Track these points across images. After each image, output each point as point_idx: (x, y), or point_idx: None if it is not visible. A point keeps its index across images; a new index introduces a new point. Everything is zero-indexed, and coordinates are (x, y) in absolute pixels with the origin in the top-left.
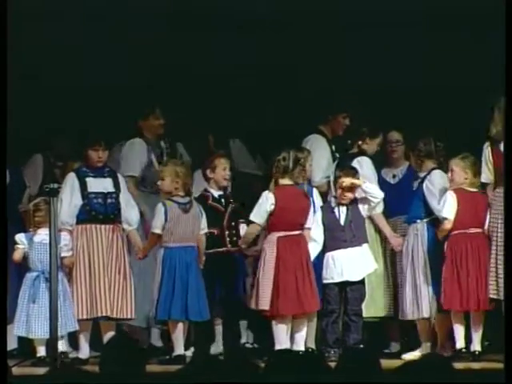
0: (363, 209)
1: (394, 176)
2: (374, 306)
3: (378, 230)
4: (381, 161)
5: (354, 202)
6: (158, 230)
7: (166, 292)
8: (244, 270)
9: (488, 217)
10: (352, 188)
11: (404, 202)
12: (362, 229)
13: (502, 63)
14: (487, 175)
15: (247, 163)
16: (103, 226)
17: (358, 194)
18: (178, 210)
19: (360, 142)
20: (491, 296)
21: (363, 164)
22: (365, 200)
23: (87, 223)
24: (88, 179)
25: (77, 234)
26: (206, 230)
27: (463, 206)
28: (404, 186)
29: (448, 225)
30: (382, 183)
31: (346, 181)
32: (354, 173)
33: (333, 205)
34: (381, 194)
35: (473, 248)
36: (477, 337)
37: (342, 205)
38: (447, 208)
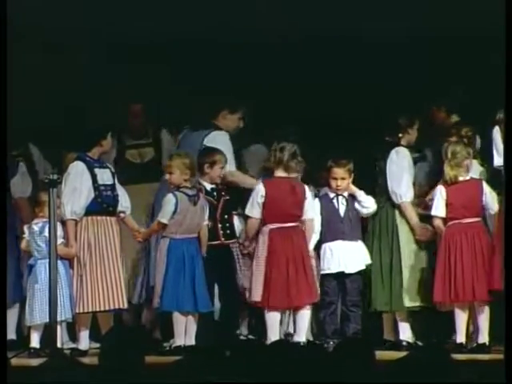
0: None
1: None
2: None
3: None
4: None
5: (353, 196)
6: (165, 220)
7: (174, 283)
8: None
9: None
10: (345, 178)
11: None
12: (358, 224)
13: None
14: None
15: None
16: (113, 219)
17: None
18: (187, 202)
19: (400, 135)
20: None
21: (401, 154)
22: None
23: (98, 215)
24: (96, 170)
25: (86, 225)
26: (207, 222)
27: (454, 197)
28: None
29: (437, 222)
30: None
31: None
32: (345, 163)
33: (331, 196)
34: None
35: (468, 238)
36: (484, 328)
37: (341, 196)
38: (436, 205)
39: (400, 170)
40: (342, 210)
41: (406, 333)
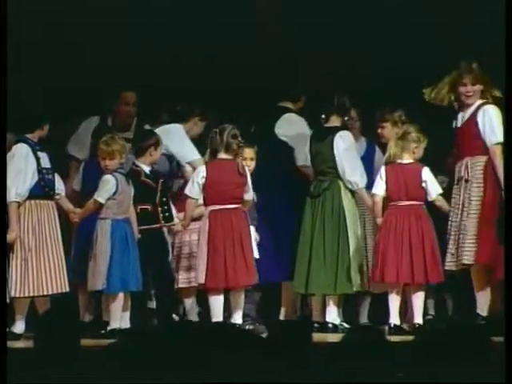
0: None
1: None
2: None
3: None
4: None
5: None
6: (102, 200)
7: (120, 263)
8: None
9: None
10: (254, 159)
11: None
12: None
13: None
14: None
15: None
16: (53, 203)
17: None
18: (125, 182)
19: (346, 118)
20: (447, 268)
21: (347, 139)
22: None
23: (41, 199)
24: (39, 153)
25: (30, 208)
26: (148, 206)
27: (393, 179)
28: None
29: (374, 199)
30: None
31: None
32: (252, 144)
33: None
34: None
35: (406, 221)
36: (419, 310)
37: None
38: (375, 183)
39: (351, 156)
40: None
41: (332, 315)
